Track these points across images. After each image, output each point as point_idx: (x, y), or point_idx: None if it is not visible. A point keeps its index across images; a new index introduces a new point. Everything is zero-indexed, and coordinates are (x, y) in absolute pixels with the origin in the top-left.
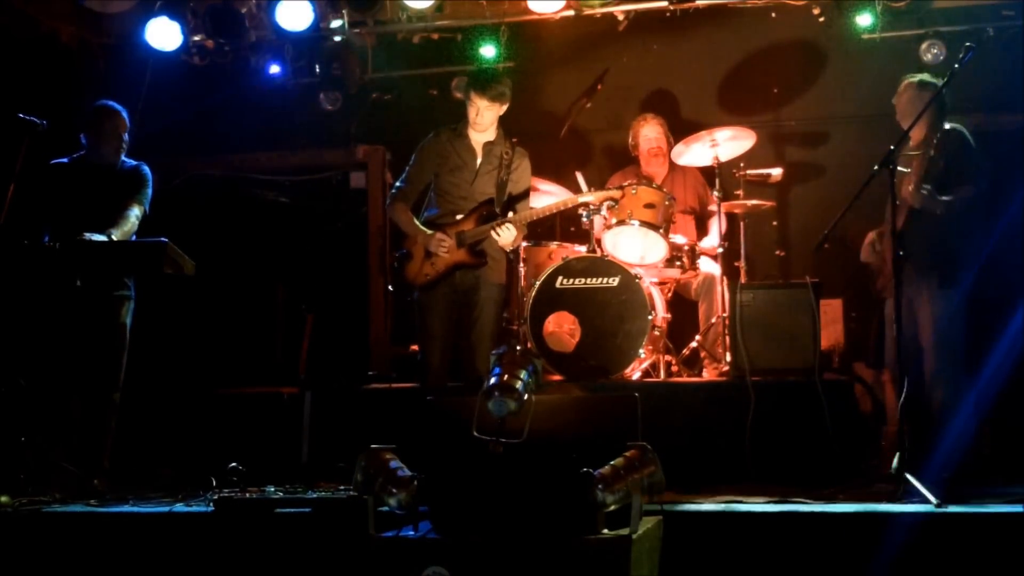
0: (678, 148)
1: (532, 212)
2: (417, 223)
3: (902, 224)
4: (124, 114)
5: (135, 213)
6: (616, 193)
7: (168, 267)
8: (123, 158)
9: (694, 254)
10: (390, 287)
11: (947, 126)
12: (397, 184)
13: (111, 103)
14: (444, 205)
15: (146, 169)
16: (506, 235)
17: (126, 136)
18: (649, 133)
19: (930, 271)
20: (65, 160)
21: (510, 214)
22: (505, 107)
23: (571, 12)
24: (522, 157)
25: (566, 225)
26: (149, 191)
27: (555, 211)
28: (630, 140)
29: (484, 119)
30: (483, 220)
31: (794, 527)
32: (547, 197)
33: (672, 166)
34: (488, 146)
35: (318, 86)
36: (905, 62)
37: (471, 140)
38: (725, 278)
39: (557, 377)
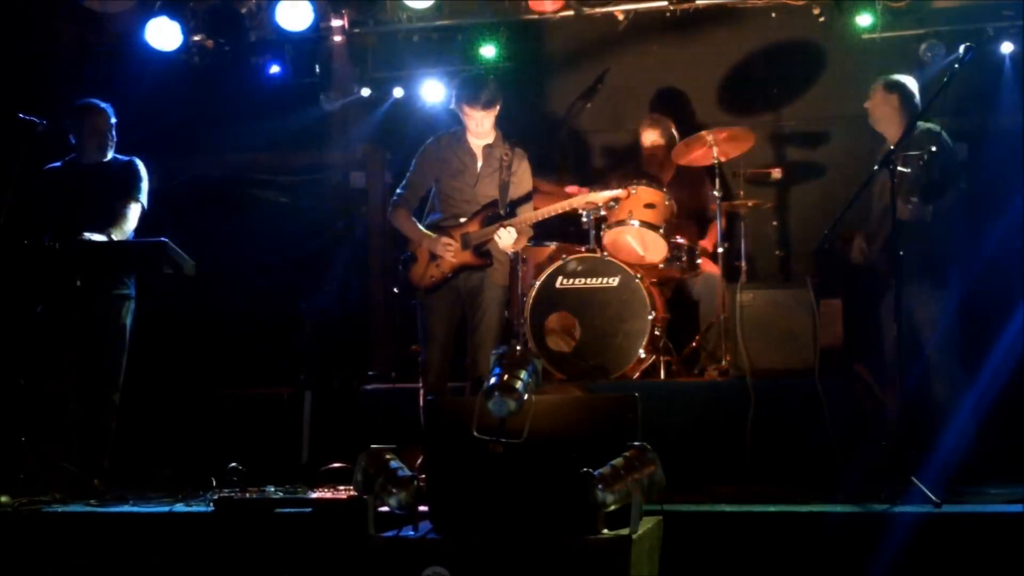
0: (678, 148)
1: (534, 214)
2: (421, 227)
3: (892, 228)
4: (107, 110)
5: (132, 210)
6: (620, 193)
7: (168, 267)
8: (113, 154)
9: (694, 254)
10: (395, 289)
11: (924, 127)
12: (398, 191)
13: (91, 100)
14: (447, 209)
15: (138, 163)
16: (506, 237)
17: (111, 132)
18: (647, 138)
19: (922, 274)
20: (58, 164)
21: (517, 214)
22: (498, 108)
23: (571, 12)
24: (522, 158)
25: (566, 225)
26: (144, 184)
27: (557, 212)
28: (639, 140)
29: (484, 127)
30: (488, 222)
31: (794, 527)
32: (547, 198)
33: (674, 166)
34: (487, 149)
35: (318, 86)
36: (905, 62)
37: (470, 144)
38: (725, 278)
39: (557, 377)
